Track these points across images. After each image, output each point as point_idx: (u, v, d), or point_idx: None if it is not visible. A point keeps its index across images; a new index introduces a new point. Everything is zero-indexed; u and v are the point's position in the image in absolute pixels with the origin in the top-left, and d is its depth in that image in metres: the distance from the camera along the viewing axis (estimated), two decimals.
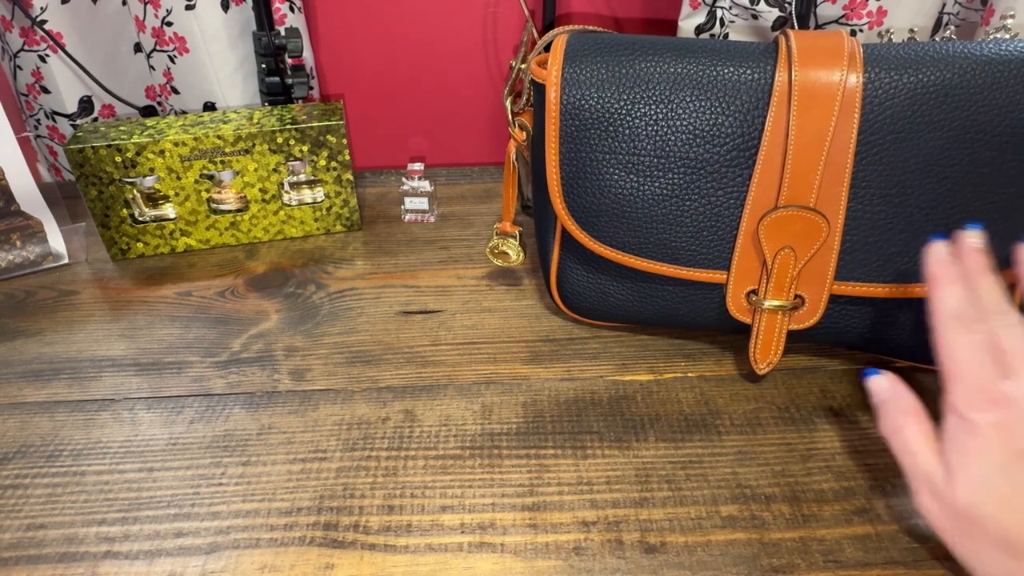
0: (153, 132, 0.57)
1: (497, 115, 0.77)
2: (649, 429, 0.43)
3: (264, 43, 0.64)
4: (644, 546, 0.36)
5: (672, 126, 0.41)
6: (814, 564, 0.35)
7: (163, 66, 0.69)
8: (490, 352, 0.50)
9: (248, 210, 0.61)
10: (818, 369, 0.47)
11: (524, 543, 0.36)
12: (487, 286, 0.57)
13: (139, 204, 0.60)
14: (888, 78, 0.38)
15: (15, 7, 0.63)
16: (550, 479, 0.40)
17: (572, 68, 0.41)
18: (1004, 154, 0.37)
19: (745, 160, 0.40)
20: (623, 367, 0.48)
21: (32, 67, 0.67)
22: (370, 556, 0.36)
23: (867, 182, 0.39)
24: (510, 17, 0.71)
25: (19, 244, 0.59)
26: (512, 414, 0.44)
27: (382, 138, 0.79)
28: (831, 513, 0.38)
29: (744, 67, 0.40)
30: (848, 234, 0.40)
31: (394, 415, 0.44)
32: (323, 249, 0.62)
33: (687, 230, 0.43)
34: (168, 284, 0.58)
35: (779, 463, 0.41)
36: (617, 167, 0.42)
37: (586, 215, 0.44)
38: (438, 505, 0.38)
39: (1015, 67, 0.37)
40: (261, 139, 0.58)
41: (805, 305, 0.43)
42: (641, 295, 0.47)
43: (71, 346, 0.51)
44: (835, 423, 0.43)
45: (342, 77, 0.75)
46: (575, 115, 0.42)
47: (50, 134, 0.72)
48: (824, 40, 0.39)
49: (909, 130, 0.38)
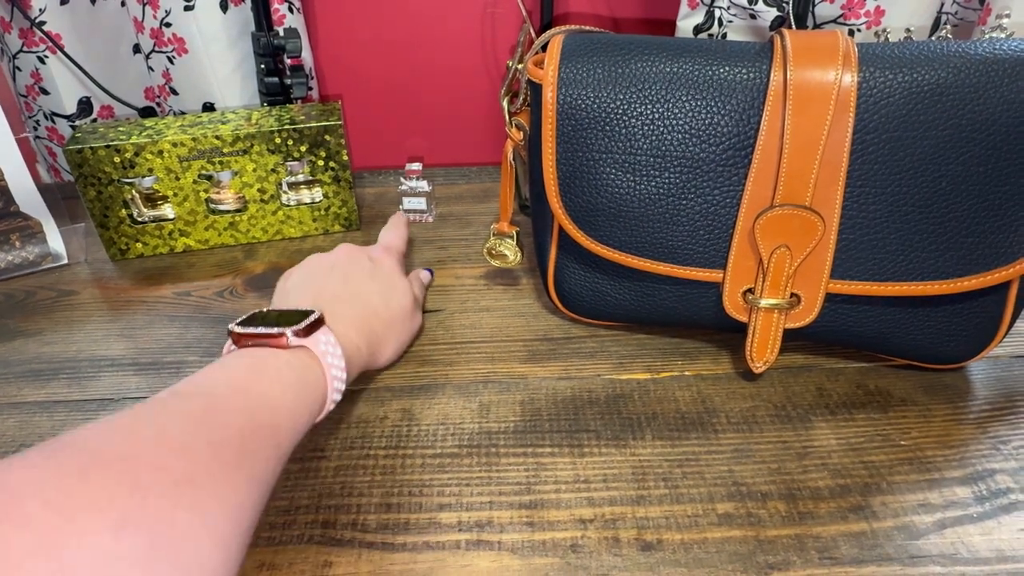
0: (152, 133, 0.57)
1: (495, 115, 0.77)
2: (646, 427, 0.43)
3: (263, 44, 0.64)
4: (641, 543, 0.36)
5: (668, 125, 0.41)
6: (810, 561, 0.35)
7: (162, 67, 0.69)
8: (488, 351, 0.50)
9: (247, 210, 0.61)
10: (814, 367, 0.48)
11: (521, 541, 0.36)
12: (485, 286, 0.57)
13: (138, 204, 0.60)
14: (883, 77, 0.38)
15: (14, 8, 0.63)
16: (547, 477, 0.40)
17: (568, 68, 0.41)
18: (999, 153, 0.38)
19: (741, 159, 0.41)
20: (620, 366, 0.48)
21: (31, 68, 0.67)
22: (368, 554, 0.36)
23: (862, 181, 0.39)
24: (508, 17, 0.71)
25: (18, 244, 0.59)
26: (509, 413, 0.44)
27: (380, 138, 0.79)
28: (827, 510, 0.38)
29: (740, 67, 0.40)
30: (844, 233, 0.41)
31: (392, 414, 0.44)
32: (323, 249, 0.62)
33: (684, 229, 0.43)
34: (167, 284, 0.58)
35: (775, 461, 0.41)
36: (614, 166, 0.42)
37: (583, 214, 0.44)
38: (436, 503, 0.39)
39: (1010, 66, 0.37)
40: (259, 139, 0.58)
41: (801, 304, 0.43)
42: (638, 294, 0.47)
43: (70, 346, 0.51)
44: (831, 421, 0.43)
45: (341, 77, 0.75)
46: (572, 115, 0.42)
47: (49, 135, 0.72)
48: (819, 39, 0.39)
49: (904, 129, 0.38)
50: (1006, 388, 0.46)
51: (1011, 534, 0.36)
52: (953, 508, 0.38)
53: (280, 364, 0.35)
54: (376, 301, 0.45)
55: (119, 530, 0.23)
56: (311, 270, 0.47)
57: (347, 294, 0.44)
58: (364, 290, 0.45)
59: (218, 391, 0.32)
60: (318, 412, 0.37)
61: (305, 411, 0.35)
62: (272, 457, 0.32)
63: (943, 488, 0.39)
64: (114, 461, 0.25)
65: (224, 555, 0.26)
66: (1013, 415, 0.43)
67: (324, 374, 0.37)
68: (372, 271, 0.47)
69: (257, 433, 0.31)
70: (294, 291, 0.45)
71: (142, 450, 0.26)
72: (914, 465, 0.40)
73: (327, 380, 0.37)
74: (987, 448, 0.41)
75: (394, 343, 0.47)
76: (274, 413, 0.33)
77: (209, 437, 0.29)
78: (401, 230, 0.55)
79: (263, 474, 0.31)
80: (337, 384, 0.38)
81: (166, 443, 0.27)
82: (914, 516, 0.37)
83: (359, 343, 0.42)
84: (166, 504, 0.25)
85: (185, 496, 0.26)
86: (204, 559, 0.26)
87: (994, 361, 0.48)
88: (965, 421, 0.43)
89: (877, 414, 0.44)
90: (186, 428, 0.29)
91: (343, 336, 0.40)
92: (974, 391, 0.45)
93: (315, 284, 0.45)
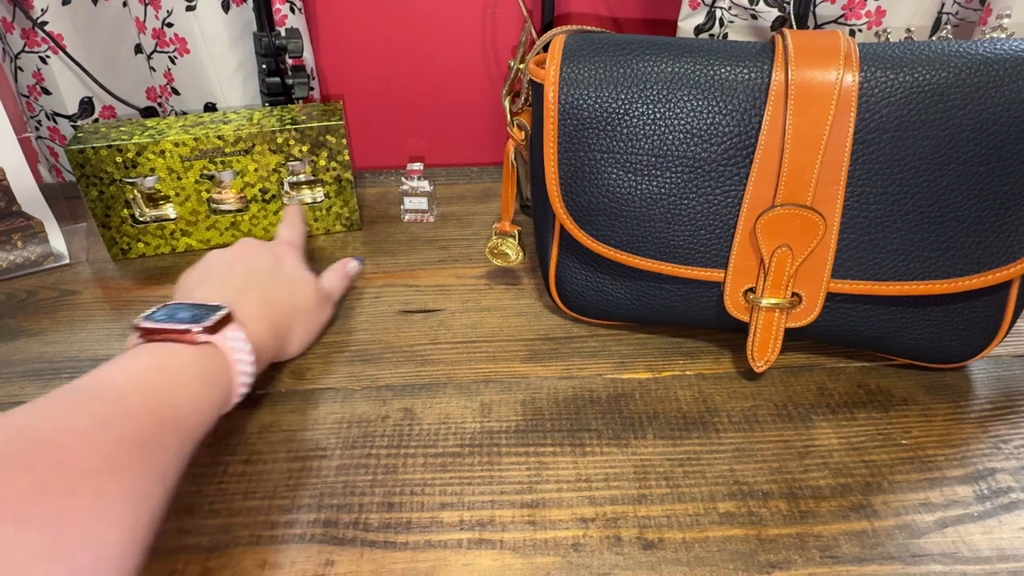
0: (153, 133, 0.57)
1: (496, 115, 0.77)
2: (647, 426, 0.43)
3: (265, 44, 0.65)
4: (642, 542, 0.36)
5: (670, 125, 0.41)
6: (811, 560, 0.35)
7: (164, 67, 0.69)
8: (489, 351, 0.50)
9: (248, 210, 0.61)
10: (816, 367, 0.48)
11: (523, 540, 0.37)
12: (486, 285, 0.57)
13: (140, 204, 0.61)
14: (884, 77, 0.38)
15: (16, 8, 0.63)
16: (549, 476, 0.40)
17: (570, 68, 0.42)
18: (999, 152, 0.38)
19: (742, 159, 0.41)
20: (621, 365, 0.48)
21: (33, 68, 0.67)
22: (370, 553, 0.36)
23: (863, 180, 0.39)
24: (509, 17, 0.71)
25: (20, 244, 0.59)
26: (511, 412, 0.44)
27: (382, 138, 0.79)
28: (828, 509, 0.38)
29: (741, 67, 0.40)
30: (845, 232, 0.41)
31: (394, 413, 0.45)
32: (323, 249, 0.62)
33: (685, 229, 0.43)
34: (169, 284, 0.58)
35: (776, 460, 0.41)
36: (615, 166, 0.42)
37: (585, 214, 0.44)
38: (437, 502, 0.39)
39: (1010, 66, 0.37)
40: (261, 139, 0.58)
41: (802, 303, 0.43)
42: (639, 293, 0.47)
43: (72, 346, 0.51)
44: (832, 420, 0.43)
45: (342, 78, 0.75)
46: (573, 115, 0.42)
47: (51, 135, 0.72)
48: (820, 39, 0.39)
49: (905, 129, 0.38)
50: (1007, 387, 0.46)
51: (1012, 533, 0.36)
52: (954, 507, 0.38)
53: (186, 360, 0.36)
54: (281, 294, 0.46)
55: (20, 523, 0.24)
56: (213, 265, 0.46)
57: (252, 288, 0.44)
58: (269, 283, 0.46)
59: (121, 386, 0.33)
60: (224, 406, 0.38)
61: (210, 405, 0.36)
62: (175, 449, 0.33)
63: (944, 487, 0.39)
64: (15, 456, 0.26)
65: (126, 545, 0.27)
66: (1014, 414, 0.44)
67: (231, 369, 0.38)
68: (275, 265, 0.47)
69: (161, 427, 0.32)
70: (198, 287, 0.45)
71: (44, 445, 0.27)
72: (915, 464, 0.40)
73: (234, 374, 0.38)
74: (988, 447, 0.41)
75: (301, 335, 0.47)
76: (177, 407, 0.34)
77: (111, 431, 0.30)
78: (298, 224, 0.55)
79: (166, 466, 0.32)
80: (244, 378, 0.39)
81: (68, 437, 0.28)
82: (915, 515, 0.37)
83: (266, 336, 0.43)
84: (68, 497, 0.26)
85: (87, 488, 0.27)
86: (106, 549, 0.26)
87: (995, 360, 0.48)
88: (966, 420, 0.43)
89: (878, 413, 0.44)
90: (88, 422, 0.30)
91: (250, 330, 0.41)
92: (975, 390, 0.45)
93: (219, 279, 0.45)
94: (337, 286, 0.52)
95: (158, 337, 0.37)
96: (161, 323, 0.37)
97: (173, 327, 0.37)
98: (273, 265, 0.47)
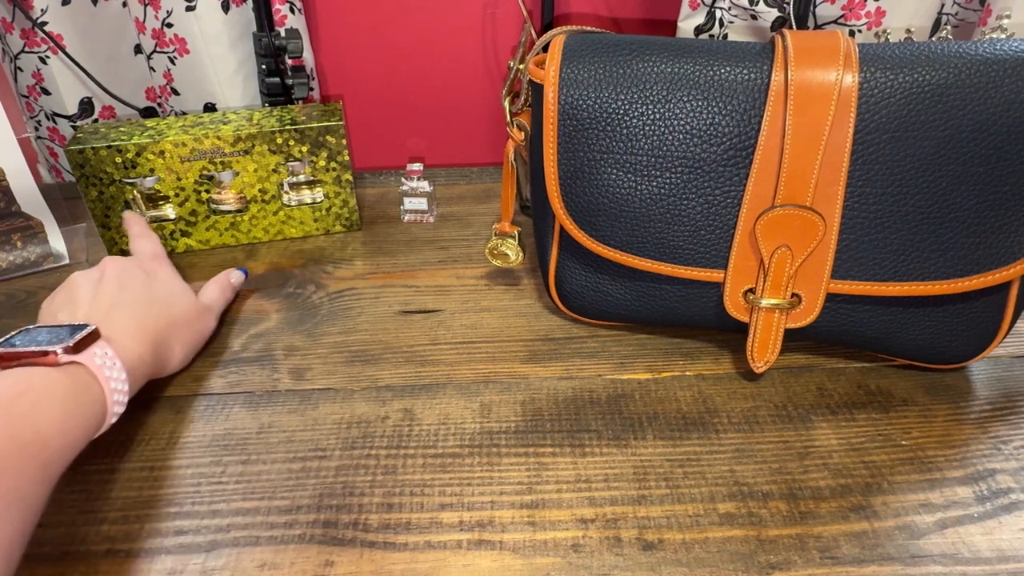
0: (153, 133, 0.57)
1: (496, 115, 0.77)
2: (647, 427, 0.43)
3: (264, 44, 0.65)
4: (642, 543, 0.36)
5: (669, 126, 0.41)
6: (811, 561, 0.35)
7: (163, 67, 0.69)
8: (489, 351, 0.50)
9: (248, 211, 0.61)
10: (815, 367, 0.48)
11: (523, 540, 0.37)
12: (486, 286, 0.57)
13: (139, 205, 0.60)
14: (884, 78, 0.38)
15: (16, 9, 0.63)
16: (548, 477, 0.40)
17: (570, 68, 0.42)
18: (999, 153, 0.38)
19: (742, 159, 0.41)
20: (621, 366, 0.48)
21: (33, 68, 0.67)
22: (370, 553, 0.36)
23: (863, 181, 0.39)
24: (509, 18, 0.71)
25: (20, 245, 0.59)
26: (511, 412, 0.44)
27: (381, 139, 0.79)
28: (828, 510, 0.38)
29: (741, 67, 0.40)
30: (844, 233, 0.41)
31: (393, 414, 0.45)
32: (323, 249, 0.62)
33: (685, 229, 0.43)
34: None
35: (776, 461, 0.41)
36: (615, 167, 0.42)
37: (584, 215, 0.44)
38: (437, 503, 0.39)
39: (1010, 66, 0.37)
40: (261, 140, 0.58)
41: (802, 304, 0.43)
42: (639, 294, 0.47)
43: None
44: (832, 421, 0.43)
45: (342, 78, 0.75)
46: (573, 115, 0.42)
47: (51, 135, 0.72)
48: (820, 40, 0.39)
49: (905, 129, 0.38)
50: (1007, 388, 0.46)
51: (1012, 534, 0.36)
52: (954, 508, 0.38)
53: (49, 382, 0.35)
54: (157, 308, 0.45)
55: None
56: (78, 285, 0.45)
57: (122, 304, 0.43)
58: (142, 297, 0.45)
59: None
60: (97, 426, 0.37)
61: (78, 427, 0.35)
62: (36, 475, 0.32)
63: (944, 488, 0.39)
64: None
65: None
66: (1014, 415, 0.44)
67: (102, 388, 0.37)
68: (146, 280, 0.46)
69: (21, 452, 0.31)
70: (63, 310, 0.43)
71: None
72: (915, 465, 0.40)
73: (106, 393, 0.37)
74: (988, 448, 0.41)
75: (181, 347, 0.46)
76: (39, 431, 0.33)
77: None
78: (152, 234, 0.54)
79: (25, 490, 0.31)
80: (118, 396, 0.38)
81: None
82: (915, 516, 0.37)
83: (141, 351, 0.42)
84: None
85: None
86: None
87: (995, 361, 0.48)
88: (966, 421, 0.43)
89: (878, 414, 0.44)
90: None
91: (123, 347, 0.40)
92: (975, 391, 0.45)
93: (86, 299, 0.43)
94: (219, 297, 0.52)
95: (16, 363, 0.36)
96: (19, 348, 0.36)
97: (32, 350, 0.36)
98: (144, 279, 0.46)
